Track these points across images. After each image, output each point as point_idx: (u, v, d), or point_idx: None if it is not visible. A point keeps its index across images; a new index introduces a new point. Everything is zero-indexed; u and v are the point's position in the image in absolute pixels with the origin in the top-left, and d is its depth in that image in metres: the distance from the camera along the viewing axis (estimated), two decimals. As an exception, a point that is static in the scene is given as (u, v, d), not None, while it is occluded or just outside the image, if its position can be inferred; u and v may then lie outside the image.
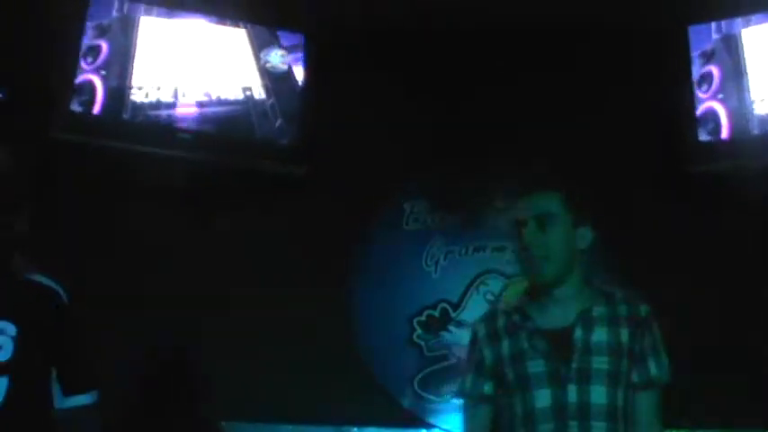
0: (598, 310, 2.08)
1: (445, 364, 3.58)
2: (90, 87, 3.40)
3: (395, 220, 3.74)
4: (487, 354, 2.13)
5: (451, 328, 3.61)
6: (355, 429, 3.46)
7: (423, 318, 3.62)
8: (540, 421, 1.99)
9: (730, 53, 3.48)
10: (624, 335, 2.06)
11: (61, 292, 1.99)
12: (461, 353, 3.55)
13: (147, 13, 3.58)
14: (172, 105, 3.55)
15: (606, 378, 2.01)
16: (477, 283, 3.65)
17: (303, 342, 3.45)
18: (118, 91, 3.45)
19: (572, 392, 1.98)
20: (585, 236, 2.12)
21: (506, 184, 3.68)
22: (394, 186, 3.74)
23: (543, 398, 2.00)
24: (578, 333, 2.04)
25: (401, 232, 3.73)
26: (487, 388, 2.14)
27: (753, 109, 3.38)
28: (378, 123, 3.70)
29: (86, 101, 3.39)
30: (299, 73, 3.74)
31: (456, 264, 3.68)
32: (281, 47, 3.76)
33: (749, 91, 3.41)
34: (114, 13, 3.51)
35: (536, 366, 2.04)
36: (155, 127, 3.49)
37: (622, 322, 2.07)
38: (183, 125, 3.54)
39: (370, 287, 3.64)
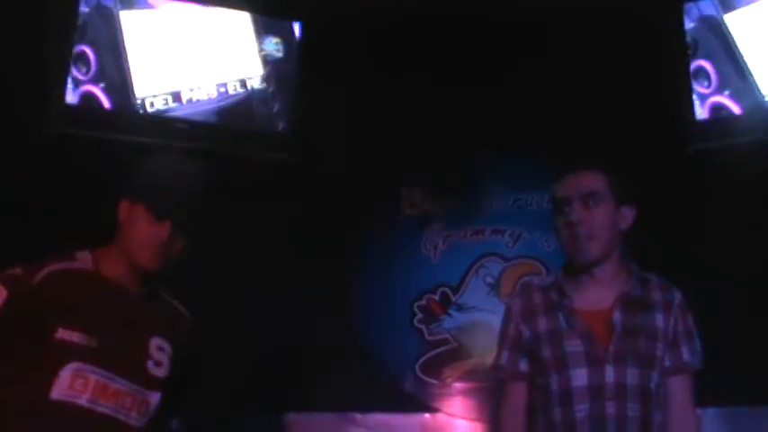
0: (635, 294, 2.10)
1: (446, 347, 3.59)
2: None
3: (393, 206, 3.75)
4: (525, 330, 2.13)
5: (452, 311, 3.62)
6: (358, 415, 3.46)
7: (423, 302, 3.63)
8: (577, 401, 2.00)
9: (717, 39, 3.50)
10: (659, 320, 2.08)
11: (191, 318, 2.07)
12: (462, 337, 3.59)
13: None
14: (168, 96, 3.56)
15: (641, 361, 2.03)
16: (476, 266, 3.66)
17: (304, 329, 3.45)
18: (113, 82, 3.47)
19: (609, 373, 2.00)
20: (627, 216, 2.13)
21: (504, 168, 3.72)
22: (391, 172, 3.73)
23: (580, 377, 2.01)
24: (617, 316, 2.05)
25: (399, 218, 3.75)
26: (523, 365, 2.14)
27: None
28: (374, 110, 3.69)
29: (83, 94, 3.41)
30: (295, 61, 3.75)
31: (455, 248, 3.69)
32: (276, 35, 3.77)
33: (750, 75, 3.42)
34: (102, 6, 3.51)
35: (574, 346, 2.04)
36: (152, 118, 3.50)
37: (657, 307, 2.09)
38: (180, 115, 3.56)
39: (369, 273, 3.64)
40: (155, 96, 3.55)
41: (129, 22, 3.54)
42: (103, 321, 1.81)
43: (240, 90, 3.66)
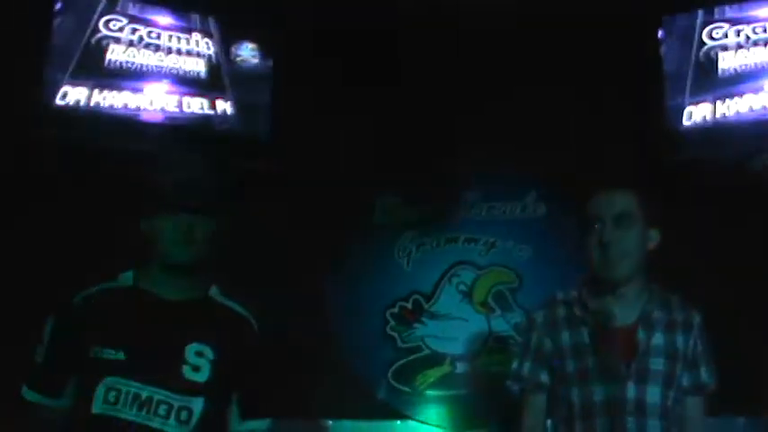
0: (657, 314, 2.14)
1: (419, 355, 3.59)
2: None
3: (366, 214, 3.76)
4: (547, 342, 2.17)
5: (424, 319, 3.63)
6: (330, 422, 3.46)
7: (396, 309, 3.64)
8: (598, 414, 2.05)
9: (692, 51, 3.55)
10: (679, 340, 2.13)
11: (252, 321, 2.10)
12: (434, 344, 3.60)
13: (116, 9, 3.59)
14: (144, 101, 3.56)
15: (661, 379, 2.07)
16: (449, 274, 3.67)
17: (276, 336, 3.43)
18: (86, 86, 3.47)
19: (630, 390, 2.04)
20: (654, 237, 2.18)
21: (477, 177, 3.74)
22: (365, 180, 3.73)
23: (602, 392, 2.05)
24: (641, 334, 2.09)
25: (373, 226, 3.75)
26: (544, 377, 2.17)
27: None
28: (348, 118, 3.69)
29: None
30: (270, 67, 3.75)
31: (428, 256, 3.70)
32: (251, 41, 3.77)
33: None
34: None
35: (597, 361, 2.08)
36: (127, 123, 3.50)
37: (678, 327, 2.14)
38: (156, 121, 3.56)
39: (342, 280, 3.65)
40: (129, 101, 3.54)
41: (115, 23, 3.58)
42: (136, 333, 1.88)
43: (216, 96, 3.66)
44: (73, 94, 3.47)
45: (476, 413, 3.50)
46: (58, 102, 3.44)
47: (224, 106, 3.71)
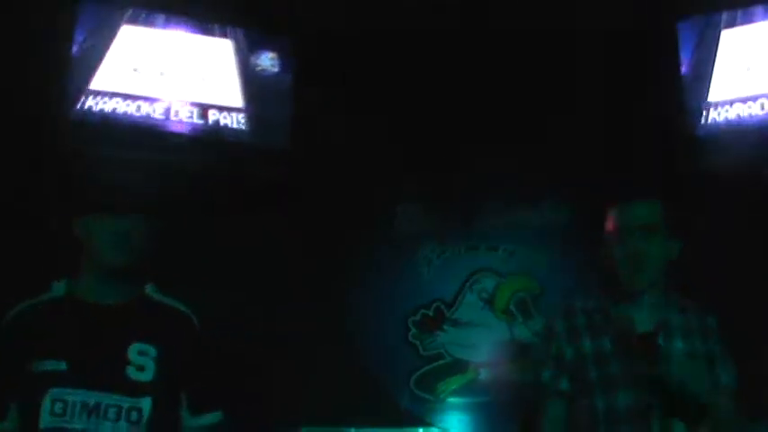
0: (675, 320, 2.15)
1: (441, 362, 3.60)
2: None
3: (388, 223, 3.77)
4: (568, 350, 2.17)
5: (446, 327, 3.63)
6: (353, 430, 3.46)
7: (417, 317, 3.65)
8: (623, 421, 2.05)
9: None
10: (697, 345, 2.14)
11: (192, 317, 2.05)
12: (456, 352, 3.60)
13: (135, 22, 3.61)
14: (163, 113, 3.58)
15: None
16: (470, 281, 3.68)
17: (300, 345, 3.45)
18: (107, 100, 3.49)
19: (654, 395, 2.04)
20: (675, 247, 2.19)
21: (498, 185, 3.75)
22: (386, 189, 3.74)
23: (626, 398, 2.06)
24: (661, 340, 2.10)
25: (395, 234, 3.76)
26: (565, 384, 2.17)
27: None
28: (369, 127, 3.70)
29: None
30: (289, 78, 3.77)
31: (449, 263, 3.71)
32: (271, 51, 3.78)
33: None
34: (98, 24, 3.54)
35: (619, 368, 2.08)
36: (147, 132, 3.52)
37: (695, 333, 2.15)
38: (175, 130, 3.58)
39: (364, 289, 3.66)
40: (149, 109, 3.57)
41: (135, 37, 3.62)
42: (76, 342, 1.85)
43: (235, 107, 3.68)
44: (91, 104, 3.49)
45: (497, 421, 3.50)
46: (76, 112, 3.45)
47: (242, 116, 3.72)
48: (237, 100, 3.72)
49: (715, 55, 3.58)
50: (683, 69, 3.62)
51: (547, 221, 3.72)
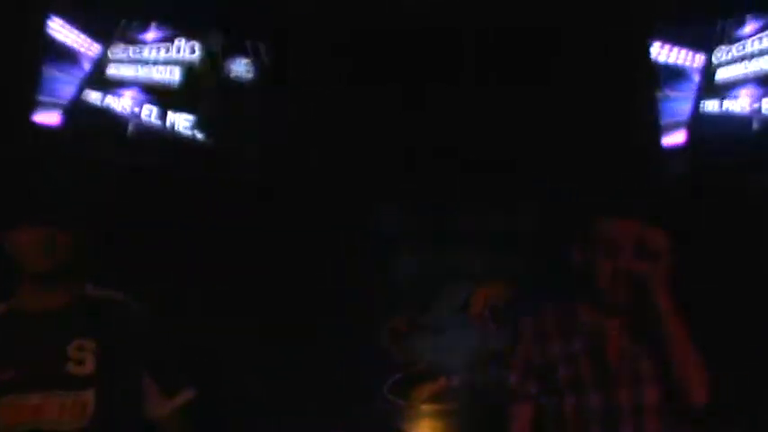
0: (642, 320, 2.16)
1: (415, 368, 3.59)
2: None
3: (362, 226, 3.74)
4: (536, 353, 2.17)
5: (420, 332, 3.62)
6: (326, 436, 3.45)
7: (391, 323, 3.63)
8: (592, 422, 2.05)
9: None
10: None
11: (132, 303, 2.07)
12: (429, 358, 3.59)
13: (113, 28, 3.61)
14: (138, 115, 3.57)
15: (655, 381, 2.07)
16: (445, 286, 3.67)
17: (273, 351, 3.43)
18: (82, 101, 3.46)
19: (624, 395, 2.05)
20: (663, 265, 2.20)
21: (478, 190, 3.75)
22: (360, 192, 3.72)
23: (596, 400, 2.06)
24: (628, 339, 2.09)
25: (368, 238, 3.74)
26: (533, 387, 2.17)
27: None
28: (341, 130, 3.70)
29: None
30: (266, 81, 3.76)
31: (423, 268, 3.70)
32: (246, 56, 3.78)
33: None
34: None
35: (589, 369, 2.08)
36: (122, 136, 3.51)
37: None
38: (149, 136, 3.56)
39: (337, 293, 3.63)
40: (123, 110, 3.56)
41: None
42: (20, 351, 1.90)
43: (211, 111, 3.67)
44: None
45: (470, 427, 3.49)
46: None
47: (211, 119, 3.72)
48: (208, 105, 3.72)
49: (700, 62, 3.63)
50: (666, 78, 3.66)
51: (524, 226, 3.72)
